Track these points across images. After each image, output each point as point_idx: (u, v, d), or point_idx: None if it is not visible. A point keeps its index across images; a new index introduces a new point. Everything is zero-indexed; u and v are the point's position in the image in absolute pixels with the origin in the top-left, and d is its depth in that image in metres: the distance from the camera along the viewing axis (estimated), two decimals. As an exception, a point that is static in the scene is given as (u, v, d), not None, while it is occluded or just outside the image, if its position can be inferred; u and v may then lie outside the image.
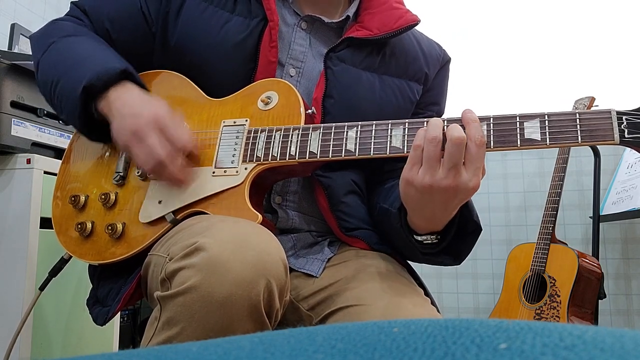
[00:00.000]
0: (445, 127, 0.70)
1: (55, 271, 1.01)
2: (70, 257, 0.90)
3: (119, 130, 0.80)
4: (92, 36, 0.93)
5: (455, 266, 0.87)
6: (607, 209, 2.16)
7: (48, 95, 0.90)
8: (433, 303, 0.85)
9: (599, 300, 2.03)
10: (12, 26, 1.75)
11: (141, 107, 0.79)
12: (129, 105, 0.80)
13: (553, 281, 1.98)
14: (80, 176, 0.92)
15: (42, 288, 1.05)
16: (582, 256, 2.00)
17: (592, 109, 2.11)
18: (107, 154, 0.92)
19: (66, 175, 0.94)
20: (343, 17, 0.94)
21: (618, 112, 0.67)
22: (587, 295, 1.99)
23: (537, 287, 2.05)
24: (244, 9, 0.90)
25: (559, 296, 1.95)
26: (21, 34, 1.74)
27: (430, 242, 0.80)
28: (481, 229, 0.79)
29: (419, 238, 0.80)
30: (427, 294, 0.87)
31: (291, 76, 0.92)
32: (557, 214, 2.08)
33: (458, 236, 0.80)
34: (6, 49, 1.72)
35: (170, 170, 0.78)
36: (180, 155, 0.79)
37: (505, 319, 0.25)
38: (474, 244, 0.80)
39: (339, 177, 0.90)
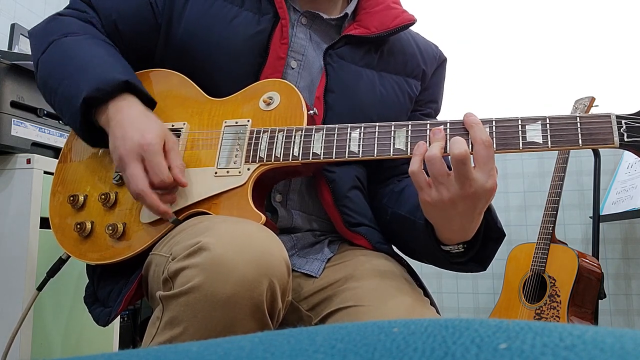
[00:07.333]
0: (447, 136, 0.71)
1: (53, 271, 1.01)
2: (69, 257, 0.90)
3: (111, 150, 0.80)
4: (93, 35, 0.91)
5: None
6: (607, 209, 2.16)
7: (48, 99, 0.90)
8: (433, 303, 0.85)
9: (599, 300, 2.03)
10: (12, 26, 1.75)
11: (131, 132, 0.78)
12: (121, 126, 0.79)
13: (553, 281, 1.98)
14: (78, 175, 0.92)
15: (40, 288, 1.04)
16: (582, 256, 2.00)
17: (592, 109, 2.11)
18: (106, 153, 0.92)
19: (64, 174, 0.93)
20: (342, 15, 0.95)
21: (617, 116, 0.68)
22: (587, 295, 1.98)
23: (537, 287, 2.05)
24: (253, 5, 0.90)
25: (559, 296, 1.95)
26: (21, 34, 1.74)
27: (458, 251, 0.79)
28: (504, 235, 0.80)
29: (446, 248, 0.79)
30: (427, 294, 0.87)
31: (292, 68, 0.92)
32: (557, 214, 2.08)
33: (483, 243, 0.80)
34: (6, 49, 1.72)
35: (148, 202, 0.76)
36: (159, 189, 0.78)
37: (505, 319, 0.25)
38: (497, 250, 0.80)
39: (344, 172, 0.90)
